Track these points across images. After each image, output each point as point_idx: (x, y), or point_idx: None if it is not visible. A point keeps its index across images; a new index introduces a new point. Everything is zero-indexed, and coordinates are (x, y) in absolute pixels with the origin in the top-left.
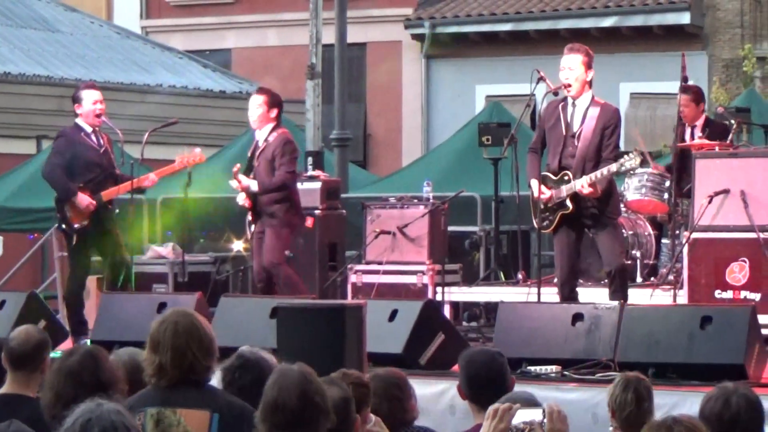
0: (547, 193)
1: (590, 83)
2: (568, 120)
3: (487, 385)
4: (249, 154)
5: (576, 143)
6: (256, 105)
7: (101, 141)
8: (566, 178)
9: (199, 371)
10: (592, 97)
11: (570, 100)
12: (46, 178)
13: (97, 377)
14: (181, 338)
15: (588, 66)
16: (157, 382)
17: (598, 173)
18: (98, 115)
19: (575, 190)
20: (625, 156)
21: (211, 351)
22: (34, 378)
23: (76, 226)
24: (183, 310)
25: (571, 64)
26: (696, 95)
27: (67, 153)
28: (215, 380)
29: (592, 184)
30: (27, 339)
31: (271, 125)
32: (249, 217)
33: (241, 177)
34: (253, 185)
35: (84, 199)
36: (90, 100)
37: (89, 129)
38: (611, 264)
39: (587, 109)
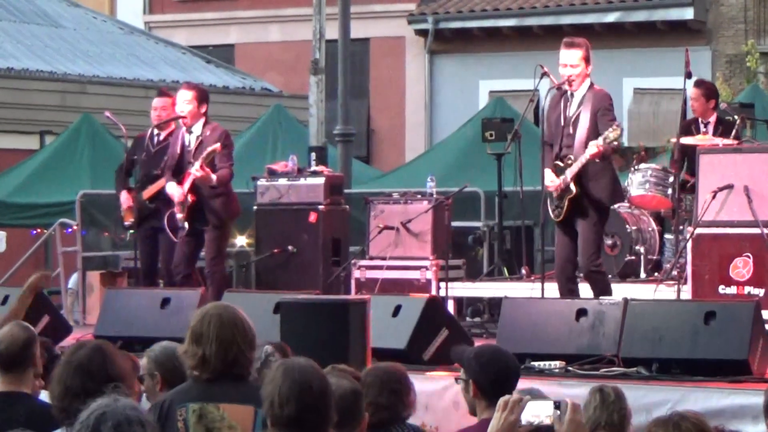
0: (557, 182)
1: (588, 73)
2: (568, 111)
3: (509, 381)
4: (178, 150)
5: (571, 131)
6: (186, 101)
7: (160, 141)
8: (570, 163)
9: (243, 364)
10: (591, 85)
11: (569, 92)
12: None
13: (106, 371)
14: (227, 330)
15: (587, 60)
16: (199, 375)
17: (587, 153)
18: (158, 123)
19: (575, 171)
20: (608, 129)
21: (254, 344)
22: (27, 374)
23: (125, 224)
24: (223, 304)
25: (571, 61)
26: (708, 91)
27: (130, 157)
28: None
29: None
30: (14, 340)
31: (202, 120)
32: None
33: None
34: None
35: (123, 199)
36: (152, 106)
37: (155, 131)
38: (581, 267)
39: (583, 97)
